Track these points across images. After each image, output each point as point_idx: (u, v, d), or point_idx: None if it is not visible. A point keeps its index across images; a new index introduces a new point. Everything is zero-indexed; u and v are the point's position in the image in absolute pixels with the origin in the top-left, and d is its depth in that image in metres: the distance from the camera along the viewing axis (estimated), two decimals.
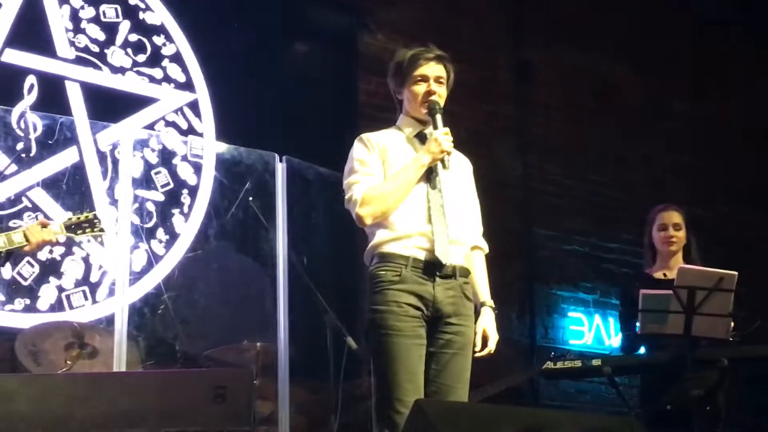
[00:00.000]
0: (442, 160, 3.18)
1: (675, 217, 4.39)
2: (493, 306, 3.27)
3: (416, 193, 3.18)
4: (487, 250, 3.38)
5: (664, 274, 4.31)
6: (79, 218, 3.66)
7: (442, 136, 3.17)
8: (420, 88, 3.26)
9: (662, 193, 6.24)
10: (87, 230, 3.65)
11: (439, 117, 3.23)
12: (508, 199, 6.29)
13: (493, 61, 6.62)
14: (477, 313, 3.24)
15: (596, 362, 4.20)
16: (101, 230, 3.68)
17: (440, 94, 3.27)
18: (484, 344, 3.20)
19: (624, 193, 6.94)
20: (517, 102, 6.71)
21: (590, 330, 6.52)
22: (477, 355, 3.18)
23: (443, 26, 6.14)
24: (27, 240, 3.49)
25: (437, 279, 3.11)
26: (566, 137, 6.74)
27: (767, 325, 4.08)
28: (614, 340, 6.47)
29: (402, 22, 6.13)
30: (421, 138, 3.29)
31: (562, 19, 6.84)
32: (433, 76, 3.26)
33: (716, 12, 7.34)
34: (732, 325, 4.01)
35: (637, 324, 4.01)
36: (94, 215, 3.68)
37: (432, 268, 3.11)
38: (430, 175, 3.21)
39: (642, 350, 4.29)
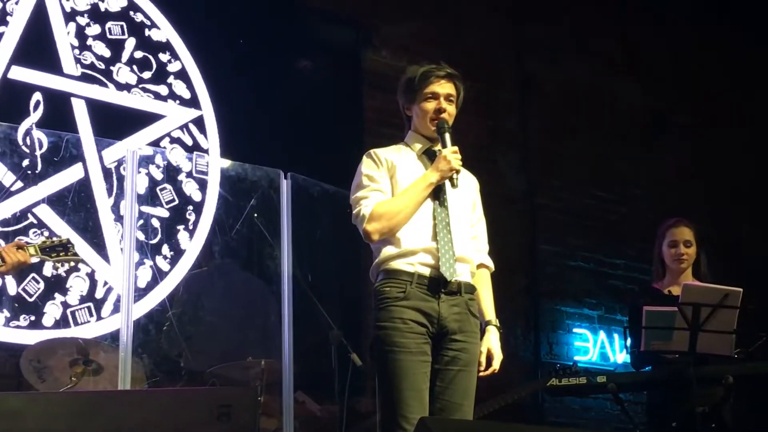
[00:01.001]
0: (451, 178, 3.17)
1: (686, 233, 4.32)
2: (498, 325, 3.26)
3: (423, 210, 3.17)
4: (493, 268, 3.38)
5: (669, 291, 4.29)
6: (53, 242, 3.70)
7: (451, 154, 3.17)
8: (430, 105, 3.26)
9: (667, 207, 6.22)
10: (61, 254, 3.68)
11: (447, 136, 3.22)
12: (512, 214, 6.28)
13: (497, 75, 6.62)
14: (482, 332, 3.23)
15: (601, 379, 4.19)
16: (74, 254, 3.72)
17: (450, 112, 3.27)
18: (489, 363, 3.19)
19: (629, 208, 6.92)
20: (520, 116, 6.71)
21: (595, 346, 6.51)
22: (481, 374, 3.17)
23: (447, 41, 6.16)
24: (3, 261, 3.51)
25: (442, 295, 3.10)
26: (570, 152, 6.73)
27: None
28: (619, 356, 6.45)
29: (406, 38, 6.14)
30: (430, 155, 3.29)
31: (564, 33, 6.85)
32: (444, 94, 3.26)
33: (720, 24, 7.35)
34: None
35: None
36: (68, 240, 3.73)
37: (437, 284, 3.11)
38: (437, 193, 3.20)
39: (648, 367, 4.27)
